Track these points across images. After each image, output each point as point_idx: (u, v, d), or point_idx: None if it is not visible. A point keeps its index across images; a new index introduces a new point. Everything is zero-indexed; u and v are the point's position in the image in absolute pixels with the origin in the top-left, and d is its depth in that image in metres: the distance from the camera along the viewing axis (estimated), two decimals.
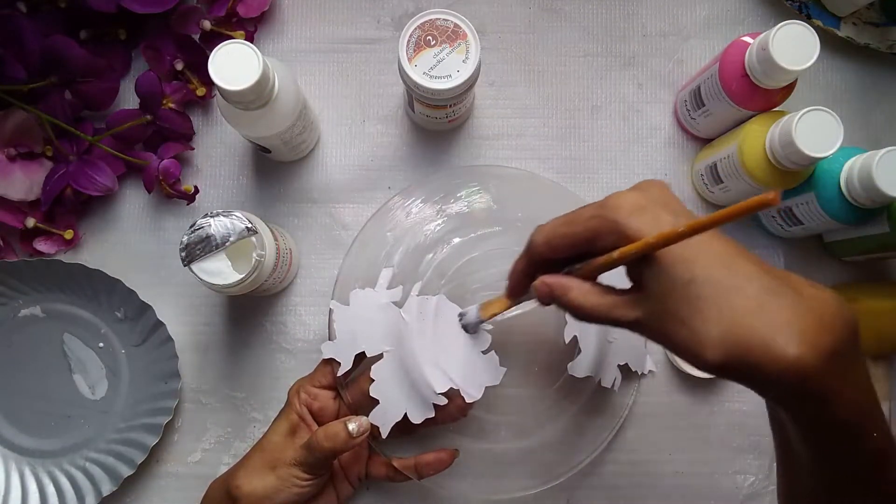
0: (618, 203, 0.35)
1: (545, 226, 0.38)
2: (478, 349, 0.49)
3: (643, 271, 0.34)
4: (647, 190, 0.36)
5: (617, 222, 0.34)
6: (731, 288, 0.32)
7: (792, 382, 0.31)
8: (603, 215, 0.35)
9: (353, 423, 0.46)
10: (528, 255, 0.39)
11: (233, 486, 0.47)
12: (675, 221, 0.34)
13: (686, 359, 0.33)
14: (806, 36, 0.46)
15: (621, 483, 0.56)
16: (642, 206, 0.34)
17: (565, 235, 0.37)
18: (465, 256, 0.52)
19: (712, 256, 0.33)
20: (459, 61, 0.47)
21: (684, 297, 0.32)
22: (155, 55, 0.56)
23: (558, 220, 0.37)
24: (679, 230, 0.31)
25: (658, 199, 0.35)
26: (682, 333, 0.33)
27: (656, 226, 0.33)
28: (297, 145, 0.54)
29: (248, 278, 0.46)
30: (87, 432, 0.56)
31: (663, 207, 0.35)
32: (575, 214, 0.37)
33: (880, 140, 0.59)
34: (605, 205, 0.35)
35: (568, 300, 0.36)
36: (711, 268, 0.33)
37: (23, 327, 0.56)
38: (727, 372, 0.32)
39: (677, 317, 0.33)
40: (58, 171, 0.55)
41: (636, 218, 0.34)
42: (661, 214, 0.34)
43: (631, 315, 0.35)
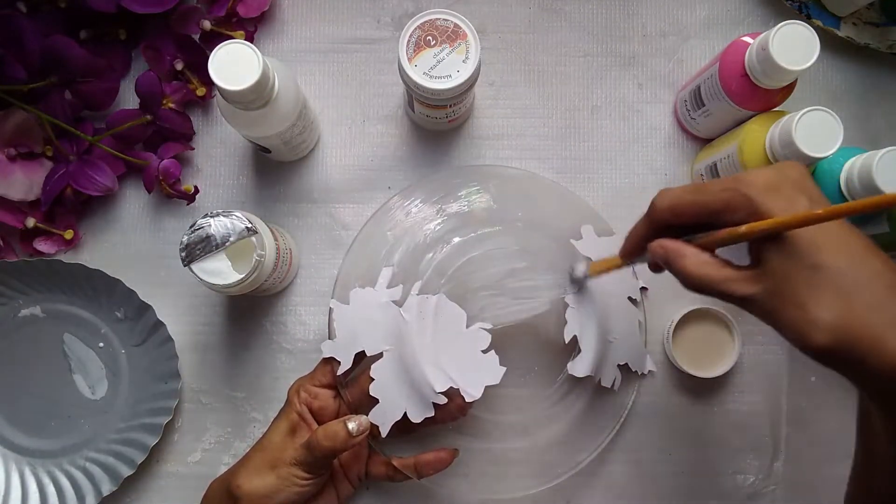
0: (753, 179, 0.35)
1: (670, 190, 0.38)
2: (478, 348, 0.49)
3: (767, 249, 0.34)
4: (784, 171, 0.35)
5: (751, 198, 0.34)
6: (855, 280, 0.32)
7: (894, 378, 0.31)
8: (737, 188, 0.35)
9: (352, 423, 0.46)
10: (649, 217, 0.39)
11: (233, 485, 0.47)
12: (811, 206, 0.34)
13: (792, 339, 0.33)
14: (806, 36, 0.46)
15: (621, 483, 0.56)
16: (778, 187, 0.34)
17: (693, 203, 0.36)
18: (464, 256, 0.52)
19: (842, 246, 0.33)
20: (459, 61, 0.47)
21: (806, 282, 0.33)
22: (155, 55, 0.56)
23: (686, 187, 0.37)
24: (816, 213, 0.32)
25: (795, 180, 0.35)
26: (796, 314, 0.33)
27: (790, 208, 0.33)
28: (297, 145, 0.54)
29: (248, 278, 0.46)
30: (87, 432, 0.56)
31: (800, 190, 0.34)
32: (704, 184, 0.36)
33: (880, 140, 0.59)
34: (740, 179, 0.35)
35: (682, 266, 0.36)
36: (839, 257, 0.33)
37: (23, 327, 0.56)
38: (832, 358, 0.33)
39: (794, 298, 0.33)
40: (58, 171, 0.55)
41: (771, 196, 0.34)
42: (797, 197, 0.34)
43: (746, 290, 0.35)
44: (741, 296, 0.35)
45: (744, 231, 0.34)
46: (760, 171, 0.35)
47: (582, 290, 0.50)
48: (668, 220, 0.38)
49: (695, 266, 0.36)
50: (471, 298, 0.51)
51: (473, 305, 0.51)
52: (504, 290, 0.52)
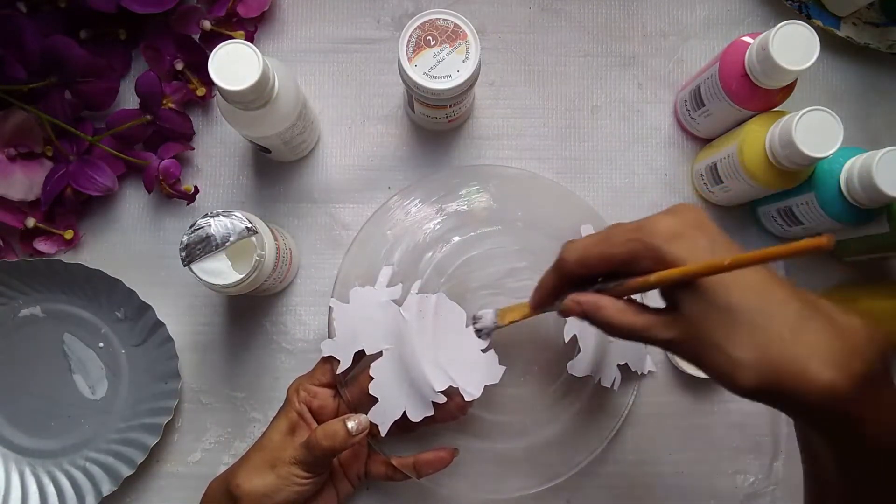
0: (655, 228, 0.36)
1: (576, 243, 0.39)
2: (477, 348, 0.49)
3: (679, 294, 0.35)
4: (682, 214, 0.36)
5: (656, 248, 0.35)
6: (765, 314, 0.33)
7: (826, 407, 0.32)
8: (640, 239, 0.36)
9: (352, 422, 0.46)
10: (558, 271, 0.40)
11: (233, 484, 0.47)
12: (712, 247, 0.35)
13: (720, 382, 0.34)
14: (806, 36, 0.46)
15: (621, 483, 0.56)
16: (680, 232, 0.35)
17: (600, 256, 0.37)
18: (464, 255, 0.52)
19: (748, 283, 0.34)
20: (459, 61, 0.47)
21: (720, 323, 0.34)
22: (155, 55, 0.56)
23: (591, 239, 0.38)
24: (723, 263, 0.32)
25: (694, 223, 0.36)
26: (717, 358, 0.34)
27: (694, 252, 0.34)
28: (297, 145, 0.54)
29: (248, 278, 0.46)
30: (87, 432, 0.56)
31: (700, 232, 0.35)
32: (609, 234, 0.37)
33: (880, 140, 0.59)
34: (642, 228, 0.36)
35: (602, 317, 0.37)
36: (747, 294, 0.34)
37: (23, 327, 0.56)
38: (761, 396, 0.33)
39: (712, 341, 0.34)
40: (58, 171, 0.55)
41: (675, 244, 0.35)
42: (699, 240, 0.35)
43: (666, 335, 0.36)
44: (663, 340, 0.36)
45: (654, 280, 0.35)
46: (660, 218, 0.36)
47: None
48: (578, 272, 0.39)
49: (615, 315, 0.37)
50: (470, 298, 0.51)
51: (473, 305, 0.51)
52: (504, 290, 0.52)
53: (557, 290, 0.41)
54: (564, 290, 0.40)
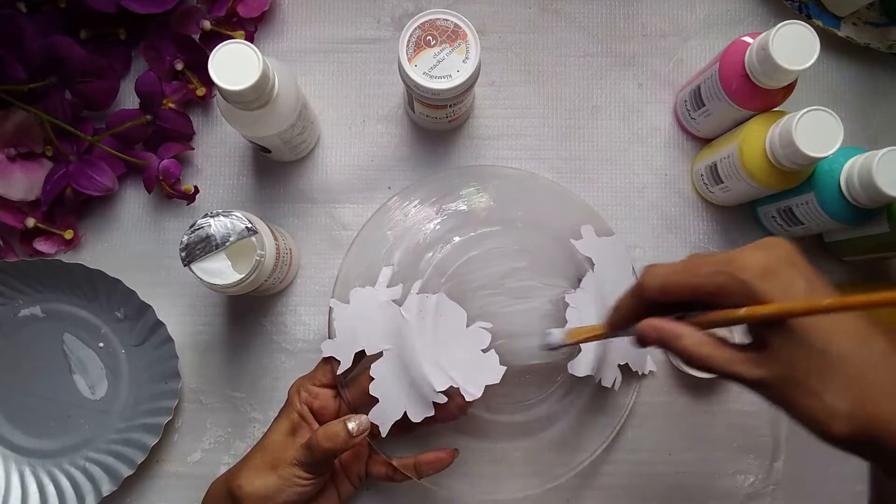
0: (746, 263, 0.34)
1: (659, 269, 0.37)
2: (478, 347, 0.49)
3: (769, 332, 0.34)
4: (773, 249, 0.35)
5: (747, 284, 0.34)
6: (866, 364, 0.32)
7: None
8: (730, 273, 0.34)
9: (352, 422, 0.46)
10: (638, 295, 0.39)
11: (234, 485, 0.47)
12: (808, 287, 0.34)
13: (809, 428, 0.33)
14: (806, 36, 0.46)
15: (621, 483, 0.56)
16: (773, 269, 0.34)
17: (684, 285, 0.36)
18: (464, 255, 0.52)
19: (848, 329, 0.33)
20: (459, 61, 0.47)
21: (816, 368, 0.33)
22: (155, 55, 0.56)
23: (676, 267, 0.37)
24: (822, 304, 0.32)
25: (786, 259, 0.35)
26: (811, 403, 0.33)
27: (789, 291, 0.33)
28: (297, 145, 0.54)
29: (248, 278, 0.46)
30: (87, 432, 0.56)
31: (795, 271, 0.34)
32: (695, 265, 0.36)
33: (880, 140, 0.59)
34: (733, 262, 0.35)
35: (681, 346, 0.36)
36: (847, 341, 0.33)
37: (23, 327, 0.56)
38: (853, 446, 0.33)
39: (806, 386, 0.33)
40: (58, 171, 0.55)
41: (768, 281, 0.34)
42: (794, 279, 0.34)
43: (754, 373, 0.34)
44: (749, 378, 0.35)
45: (743, 314, 0.34)
46: (752, 252, 0.35)
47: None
48: (658, 299, 0.37)
49: (695, 346, 0.36)
50: (471, 297, 0.51)
51: (473, 305, 0.51)
52: (504, 290, 0.52)
53: (634, 313, 0.39)
54: (642, 314, 0.39)
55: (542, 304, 0.52)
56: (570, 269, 0.53)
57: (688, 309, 0.37)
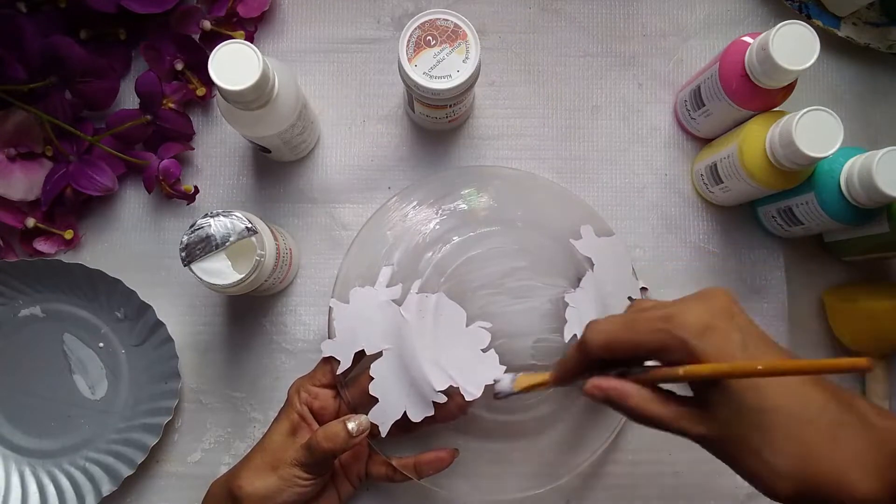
0: (684, 319, 0.35)
1: (602, 326, 0.38)
2: (477, 347, 0.49)
3: (709, 390, 0.35)
4: (711, 301, 0.36)
5: (685, 342, 0.34)
6: (802, 420, 0.33)
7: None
8: (669, 331, 0.35)
9: (352, 423, 0.46)
10: (582, 353, 0.39)
11: (235, 486, 0.47)
12: (744, 343, 0.34)
13: (756, 486, 0.34)
14: (806, 36, 0.46)
15: (621, 483, 0.56)
16: (711, 325, 0.34)
17: (627, 343, 0.37)
18: (464, 255, 0.52)
19: (783, 385, 0.33)
20: (459, 61, 0.47)
21: (755, 425, 0.33)
22: (155, 55, 0.56)
23: (617, 323, 0.37)
24: (755, 368, 0.32)
25: (724, 312, 0.35)
26: (753, 463, 0.33)
27: (725, 349, 0.34)
28: (297, 145, 0.54)
29: (248, 278, 0.46)
30: (87, 432, 0.56)
31: (731, 324, 0.35)
32: (636, 322, 0.36)
33: (880, 140, 0.59)
34: (671, 319, 0.35)
35: (627, 406, 0.36)
36: (783, 397, 0.33)
37: (23, 327, 0.56)
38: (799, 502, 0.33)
39: (747, 444, 0.33)
40: (58, 171, 0.55)
41: (706, 339, 0.34)
42: (731, 333, 0.34)
43: (697, 430, 0.35)
44: (693, 434, 0.35)
45: (682, 374, 0.34)
46: (692, 307, 0.36)
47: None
48: (602, 357, 0.38)
49: (641, 405, 0.36)
50: (470, 297, 0.51)
51: (473, 304, 0.51)
52: (503, 289, 0.52)
53: (580, 368, 0.40)
54: (587, 369, 0.39)
55: (542, 303, 0.52)
56: (569, 268, 0.53)
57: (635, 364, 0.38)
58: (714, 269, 0.58)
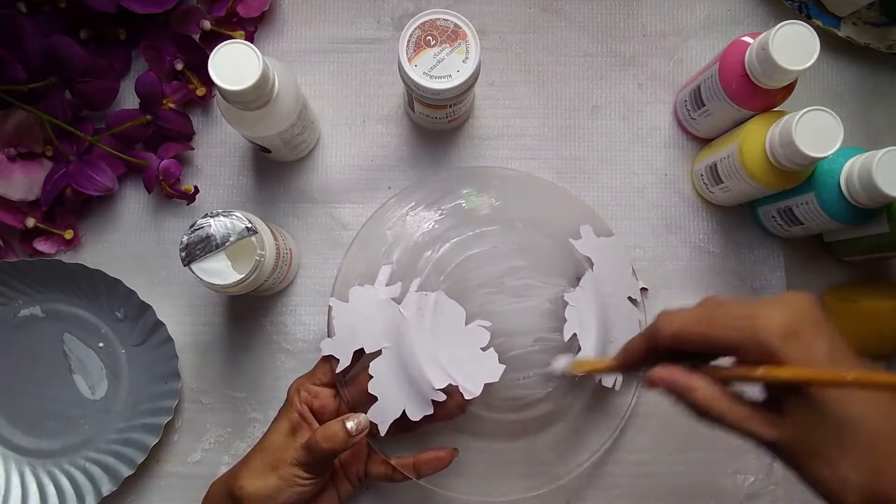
0: (768, 322, 0.34)
1: (675, 316, 0.37)
2: (477, 346, 0.49)
3: (787, 395, 0.34)
4: (796, 307, 0.34)
5: (768, 344, 0.33)
6: (885, 438, 0.32)
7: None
8: (751, 332, 0.34)
9: (351, 422, 0.46)
10: (650, 340, 0.38)
11: (235, 486, 0.47)
12: (831, 353, 0.33)
13: (822, 495, 0.33)
14: (806, 36, 0.46)
15: (622, 483, 0.56)
16: (795, 330, 0.33)
17: (701, 336, 0.35)
18: (463, 253, 0.52)
19: (868, 399, 0.33)
20: (459, 61, 0.47)
21: (834, 437, 0.32)
22: (155, 55, 0.56)
23: (692, 316, 0.36)
24: (845, 378, 0.31)
25: (811, 320, 0.34)
26: (825, 471, 0.33)
27: (811, 356, 0.33)
28: (297, 145, 0.54)
29: (248, 278, 0.46)
30: (87, 432, 0.56)
31: (818, 332, 0.34)
32: (713, 315, 0.35)
33: (880, 140, 0.59)
34: (756, 317, 0.34)
35: (694, 399, 0.35)
36: (866, 412, 0.32)
37: (23, 327, 0.56)
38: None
39: (822, 453, 0.33)
40: (58, 171, 0.55)
41: (791, 344, 0.33)
42: (817, 342, 0.33)
43: (768, 434, 0.34)
44: (763, 438, 0.34)
45: (760, 375, 0.33)
46: (775, 310, 0.34)
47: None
48: (672, 347, 0.37)
49: (708, 400, 0.35)
50: (470, 296, 0.51)
51: (472, 303, 0.51)
52: (503, 288, 0.52)
53: (644, 356, 0.39)
54: (652, 357, 0.38)
55: (542, 302, 0.52)
56: (569, 268, 0.53)
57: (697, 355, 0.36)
58: (714, 269, 0.58)
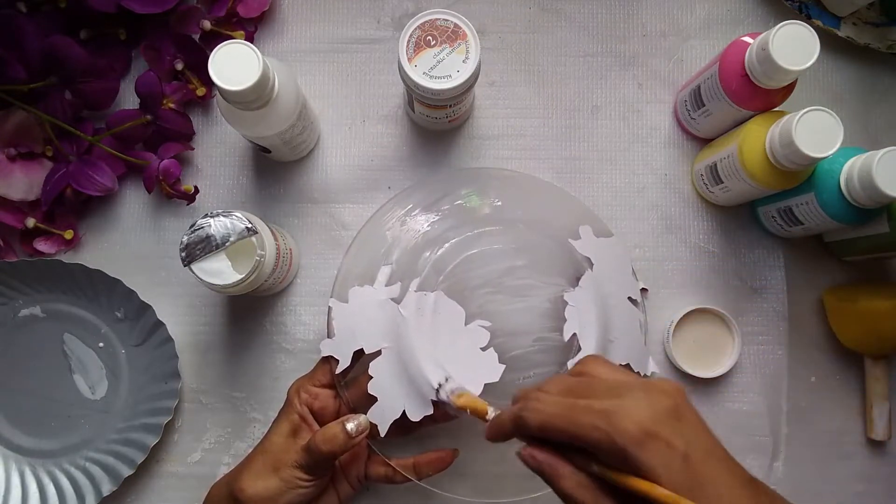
0: (625, 424, 0.32)
1: (541, 406, 0.35)
2: (477, 346, 0.49)
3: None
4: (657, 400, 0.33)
5: (623, 450, 0.32)
6: None
7: None
8: (607, 433, 0.32)
9: (351, 423, 0.46)
10: (518, 428, 0.37)
11: (237, 488, 0.47)
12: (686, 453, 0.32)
13: None
14: (806, 36, 0.46)
15: None
16: (652, 432, 0.32)
17: (562, 433, 0.34)
18: (462, 254, 0.52)
19: None
20: (459, 61, 0.47)
21: None
22: (155, 55, 0.56)
23: (555, 410, 0.35)
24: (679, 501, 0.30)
25: (670, 414, 0.33)
26: None
27: (665, 459, 0.32)
28: (297, 145, 0.54)
29: (248, 278, 0.46)
30: (87, 432, 0.56)
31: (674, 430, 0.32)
32: (576, 414, 0.34)
33: (880, 140, 0.59)
34: (611, 416, 0.33)
35: (559, 487, 0.35)
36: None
37: (23, 327, 0.56)
38: None
39: None
40: (58, 171, 0.55)
41: (645, 449, 0.32)
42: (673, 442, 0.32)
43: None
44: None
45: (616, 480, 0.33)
46: (635, 408, 0.33)
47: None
48: (536, 436, 0.36)
49: (573, 489, 0.34)
50: (469, 296, 0.51)
51: (472, 303, 0.51)
52: (502, 288, 0.52)
53: (512, 436, 0.38)
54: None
55: (541, 302, 0.52)
56: (568, 267, 0.53)
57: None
58: (714, 269, 0.58)
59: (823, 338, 0.58)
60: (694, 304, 0.56)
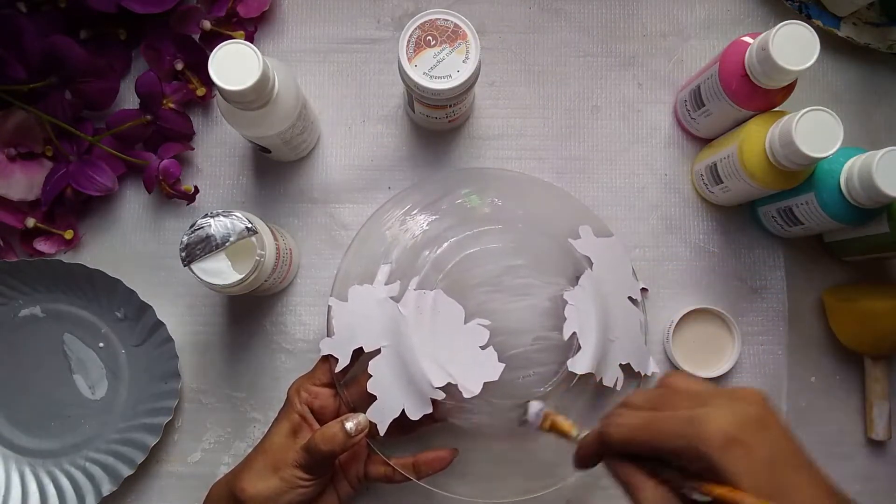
0: (708, 430, 0.32)
1: (623, 421, 0.36)
2: (476, 344, 0.49)
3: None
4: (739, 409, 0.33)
5: (707, 457, 0.32)
6: None
7: None
8: (693, 440, 0.32)
9: (350, 422, 0.46)
10: (601, 445, 0.37)
11: (237, 488, 0.47)
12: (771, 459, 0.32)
13: None
14: (806, 36, 0.46)
15: None
16: (736, 439, 0.32)
17: (645, 444, 0.35)
18: (462, 252, 0.52)
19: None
20: (459, 61, 0.47)
21: None
22: (155, 55, 0.56)
23: (638, 422, 0.35)
24: None
25: (755, 422, 0.33)
26: None
27: (749, 466, 0.31)
28: (297, 145, 0.54)
29: (248, 278, 0.46)
30: (87, 432, 0.56)
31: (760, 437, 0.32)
32: (659, 424, 0.34)
33: (880, 140, 0.59)
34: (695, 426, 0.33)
35: (638, 499, 0.35)
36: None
37: (23, 327, 0.56)
38: None
39: None
40: (58, 171, 0.55)
41: (729, 455, 0.32)
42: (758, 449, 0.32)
43: None
44: None
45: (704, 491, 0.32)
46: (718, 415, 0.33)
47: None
48: (622, 452, 0.36)
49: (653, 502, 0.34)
50: (469, 295, 0.51)
51: (471, 301, 0.51)
52: (502, 287, 0.52)
53: (598, 456, 0.38)
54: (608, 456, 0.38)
55: (541, 301, 0.52)
56: (568, 267, 0.53)
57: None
58: (714, 269, 0.58)
59: (823, 338, 0.58)
60: (694, 304, 0.56)
